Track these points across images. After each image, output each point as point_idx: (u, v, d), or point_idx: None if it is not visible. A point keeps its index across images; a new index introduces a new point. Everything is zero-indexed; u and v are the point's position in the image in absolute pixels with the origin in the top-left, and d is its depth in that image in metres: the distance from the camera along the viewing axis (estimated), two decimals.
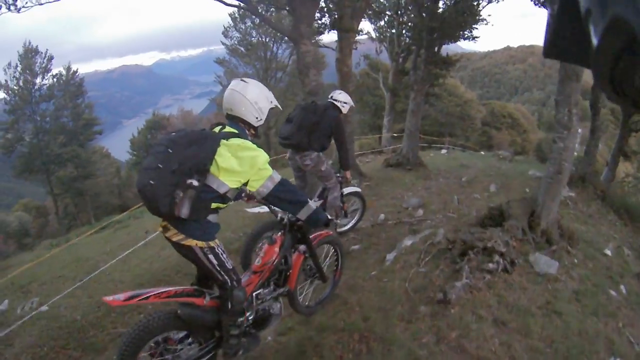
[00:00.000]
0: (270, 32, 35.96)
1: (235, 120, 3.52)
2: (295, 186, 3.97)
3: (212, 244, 3.29)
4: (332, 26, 12.70)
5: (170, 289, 3.37)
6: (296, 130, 6.38)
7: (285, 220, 4.22)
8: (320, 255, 5.13)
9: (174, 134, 3.25)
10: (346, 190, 7.57)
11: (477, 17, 15.26)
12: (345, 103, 6.97)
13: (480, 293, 5.48)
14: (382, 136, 25.61)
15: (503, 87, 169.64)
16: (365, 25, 27.58)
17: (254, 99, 3.47)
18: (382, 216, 9.49)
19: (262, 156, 3.29)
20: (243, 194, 4.07)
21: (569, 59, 0.78)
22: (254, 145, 3.33)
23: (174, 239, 3.19)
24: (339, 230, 7.93)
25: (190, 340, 3.54)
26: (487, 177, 13.32)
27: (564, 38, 0.74)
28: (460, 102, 41.72)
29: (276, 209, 4.20)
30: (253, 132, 3.63)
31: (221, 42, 39.41)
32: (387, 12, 22.34)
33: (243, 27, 38.26)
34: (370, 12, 20.43)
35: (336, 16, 12.39)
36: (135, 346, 3.16)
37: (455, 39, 15.64)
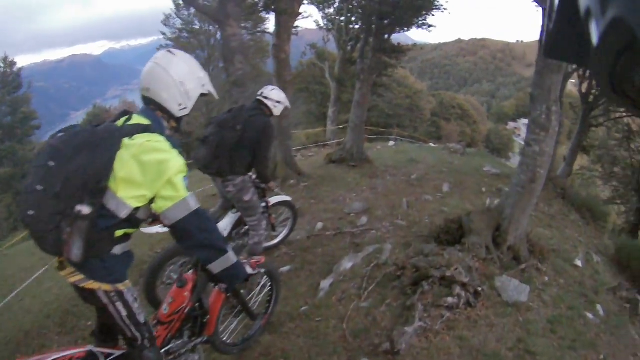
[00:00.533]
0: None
1: (150, 106, 2.57)
2: (215, 224, 2.73)
3: (120, 287, 2.47)
4: (266, 6, 11.19)
5: (58, 354, 2.57)
6: (212, 157, 5.12)
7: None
8: (251, 287, 4.38)
9: (60, 135, 2.31)
10: (273, 200, 6.43)
11: (434, 3, 14.13)
12: (278, 102, 5.61)
13: (438, 338, 4.54)
14: (326, 128, 24.30)
15: (452, 79, 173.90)
16: (314, 13, 26.18)
17: (180, 77, 2.54)
18: (320, 225, 8.29)
19: (175, 163, 2.36)
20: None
21: (568, 59, 0.76)
22: (167, 145, 2.41)
23: (72, 280, 2.39)
24: (266, 245, 6.65)
25: None
26: (439, 174, 12.30)
27: (563, 38, 0.71)
28: (410, 93, 41.08)
29: None
30: (174, 124, 2.68)
31: (160, 31, 37.40)
32: None
33: (186, 14, 36.20)
34: None
35: None
36: None
37: (409, 26, 14.43)
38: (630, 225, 16.27)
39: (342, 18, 22.97)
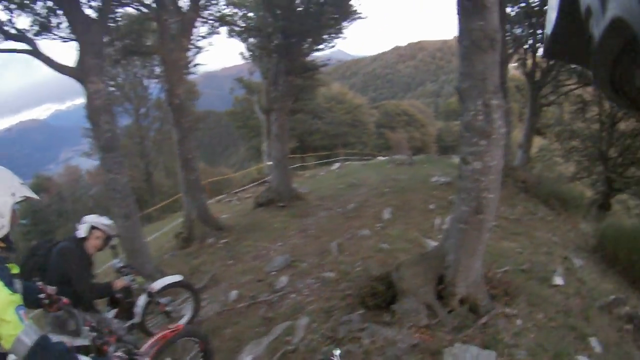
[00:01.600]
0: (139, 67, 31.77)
1: None
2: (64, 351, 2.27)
3: None
4: (127, 51, 9.68)
5: None
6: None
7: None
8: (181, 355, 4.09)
9: None
10: (158, 284, 5.33)
11: (348, 11, 12.57)
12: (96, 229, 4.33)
13: None
14: (263, 165, 22.87)
15: (396, 86, 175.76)
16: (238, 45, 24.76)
17: None
18: (234, 293, 6.86)
19: (4, 297, 2.04)
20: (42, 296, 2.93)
21: (569, 59, 0.78)
22: None
23: None
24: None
25: None
26: (381, 196, 10.84)
27: (564, 38, 0.73)
28: (350, 108, 39.86)
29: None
30: (1, 245, 2.25)
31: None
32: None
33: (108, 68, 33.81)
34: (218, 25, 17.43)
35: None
36: None
37: (318, 39, 12.88)
38: (602, 196, 15.26)
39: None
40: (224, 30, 12.43)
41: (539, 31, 13.85)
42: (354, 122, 39.66)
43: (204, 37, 13.76)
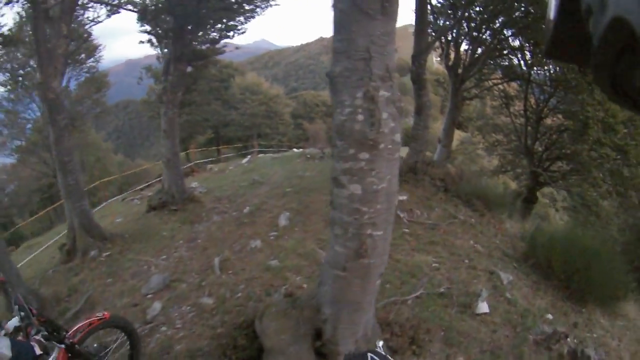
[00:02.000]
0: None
1: None
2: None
3: None
4: None
5: None
6: None
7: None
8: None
9: None
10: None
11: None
12: None
13: None
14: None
15: (318, 77, 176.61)
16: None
17: None
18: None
19: None
20: None
21: (569, 58, 0.74)
22: None
23: None
24: None
25: None
26: (281, 198, 9.97)
27: (564, 38, 0.70)
28: (265, 99, 38.81)
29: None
30: None
31: None
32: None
33: None
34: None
35: None
36: None
37: (214, 27, 11.58)
38: (527, 190, 15.23)
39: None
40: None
41: (465, 23, 13.51)
42: (269, 113, 38.65)
43: (95, 22, 12.23)
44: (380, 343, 2.32)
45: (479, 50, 13.63)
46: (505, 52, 14.49)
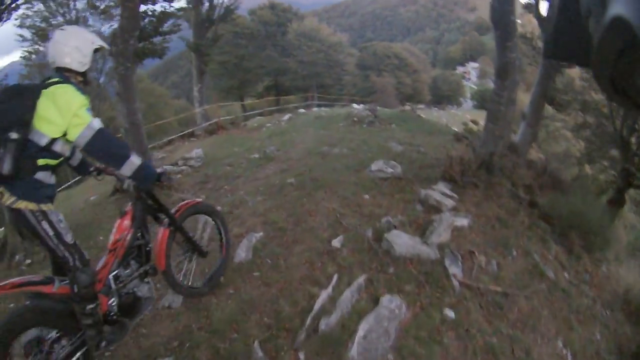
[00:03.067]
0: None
1: (60, 71, 3.11)
2: (116, 137, 3.27)
3: (44, 207, 2.88)
4: None
5: (16, 279, 2.93)
6: None
7: (131, 187, 3.48)
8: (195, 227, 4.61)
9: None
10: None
11: None
12: None
13: None
14: (195, 112, 18.22)
15: (395, 29, 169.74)
16: None
17: (74, 44, 3.12)
18: None
19: (78, 99, 2.94)
20: (91, 168, 3.64)
21: (569, 58, 0.79)
22: (73, 89, 2.98)
23: (7, 202, 2.82)
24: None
25: (59, 336, 3.06)
26: (269, 198, 6.36)
27: (564, 38, 0.74)
28: (323, 47, 34.46)
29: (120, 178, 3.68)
30: (81, 79, 3.23)
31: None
32: None
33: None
34: None
35: None
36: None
37: None
38: (615, 189, 10.95)
39: None
40: None
41: None
42: (329, 62, 34.51)
43: None
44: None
45: None
46: None
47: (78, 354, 3.03)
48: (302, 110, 20.46)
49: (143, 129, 7.73)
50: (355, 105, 21.09)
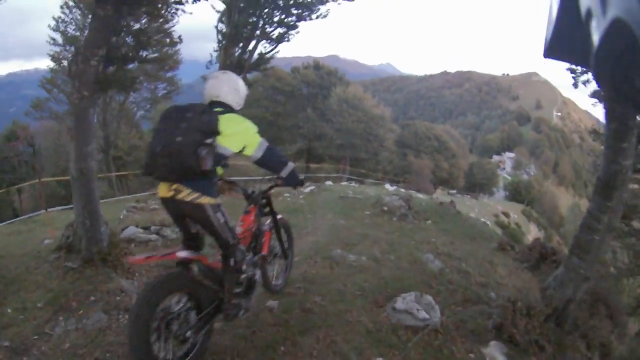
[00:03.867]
0: None
1: (217, 104, 3.75)
2: (277, 149, 4.10)
3: (219, 201, 3.50)
4: None
5: (180, 251, 3.56)
6: None
7: (256, 193, 4.47)
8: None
9: (179, 105, 3.59)
10: None
11: None
12: None
13: None
14: None
15: (437, 111, 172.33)
16: None
17: (236, 86, 3.82)
18: None
19: (252, 126, 3.69)
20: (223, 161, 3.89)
21: (570, 59, 0.86)
22: (244, 118, 3.72)
23: (188, 199, 3.32)
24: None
25: (190, 306, 3.53)
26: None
27: (565, 39, 0.73)
28: (365, 118, 32.74)
29: (245, 188, 4.49)
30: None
31: (48, 54, 25.83)
32: None
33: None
34: None
35: None
36: (149, 306, 3.10)
37: None
38: None
39: None
40: None
41: None
42: (368, 135, 32.66)
43: None
44: None
45: None
46: None
47: (207, 326, 3.58)
48: (329, 183, 19.16)
49: (95, 182, 5.61)
50: (388, 186, 19.56)
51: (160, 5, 6.47)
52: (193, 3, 8.21)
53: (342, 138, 30.72)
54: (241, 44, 14.95)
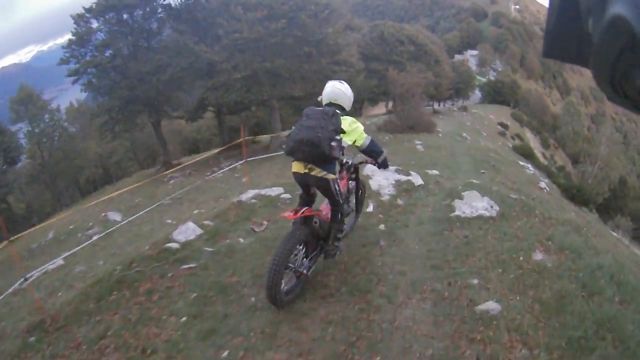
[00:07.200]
0: None
1: (333, 106, 4.96)
2: (375, 142, 5.35)
3: (337, 177, 4.87)
4: None
5: (307, 209, 4.78)
6: None
7: (350, 163, 5.67)
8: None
9: (316, 108, 4.72)
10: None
11: None
12: None
13: None
14: None
15: (387, 19, 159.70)
16: None
17: (349, 93, 5.10)
18: None
19: (361, 126, 5.03)
20: (342, 150, 5.15)
21: (569, 58, 0.77)
22: (356, 120, 5.02)
23: (319, 175, 4.62)
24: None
25: (303, 251, 4.83)
26: None
27: (564, 37, 0.73)
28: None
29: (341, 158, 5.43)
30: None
31: (71, 31, 29.31)
32: None
33: None
34: None
35: None
36: (288, 250, 4.36)
37: None
38: None
39: None
40: None
41: None
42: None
43: None
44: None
45: None
46: None
47: (313, 264, 4.96)
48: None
49: None
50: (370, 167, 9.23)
51: None
52: None
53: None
54: None
